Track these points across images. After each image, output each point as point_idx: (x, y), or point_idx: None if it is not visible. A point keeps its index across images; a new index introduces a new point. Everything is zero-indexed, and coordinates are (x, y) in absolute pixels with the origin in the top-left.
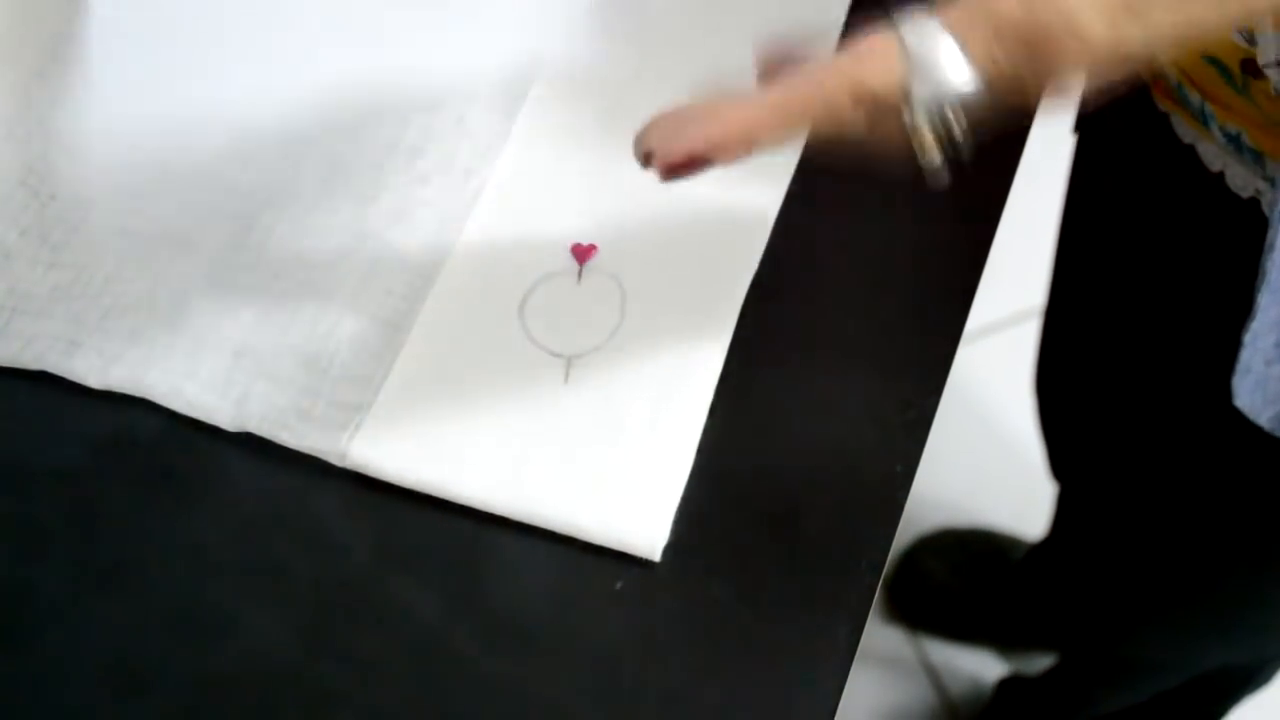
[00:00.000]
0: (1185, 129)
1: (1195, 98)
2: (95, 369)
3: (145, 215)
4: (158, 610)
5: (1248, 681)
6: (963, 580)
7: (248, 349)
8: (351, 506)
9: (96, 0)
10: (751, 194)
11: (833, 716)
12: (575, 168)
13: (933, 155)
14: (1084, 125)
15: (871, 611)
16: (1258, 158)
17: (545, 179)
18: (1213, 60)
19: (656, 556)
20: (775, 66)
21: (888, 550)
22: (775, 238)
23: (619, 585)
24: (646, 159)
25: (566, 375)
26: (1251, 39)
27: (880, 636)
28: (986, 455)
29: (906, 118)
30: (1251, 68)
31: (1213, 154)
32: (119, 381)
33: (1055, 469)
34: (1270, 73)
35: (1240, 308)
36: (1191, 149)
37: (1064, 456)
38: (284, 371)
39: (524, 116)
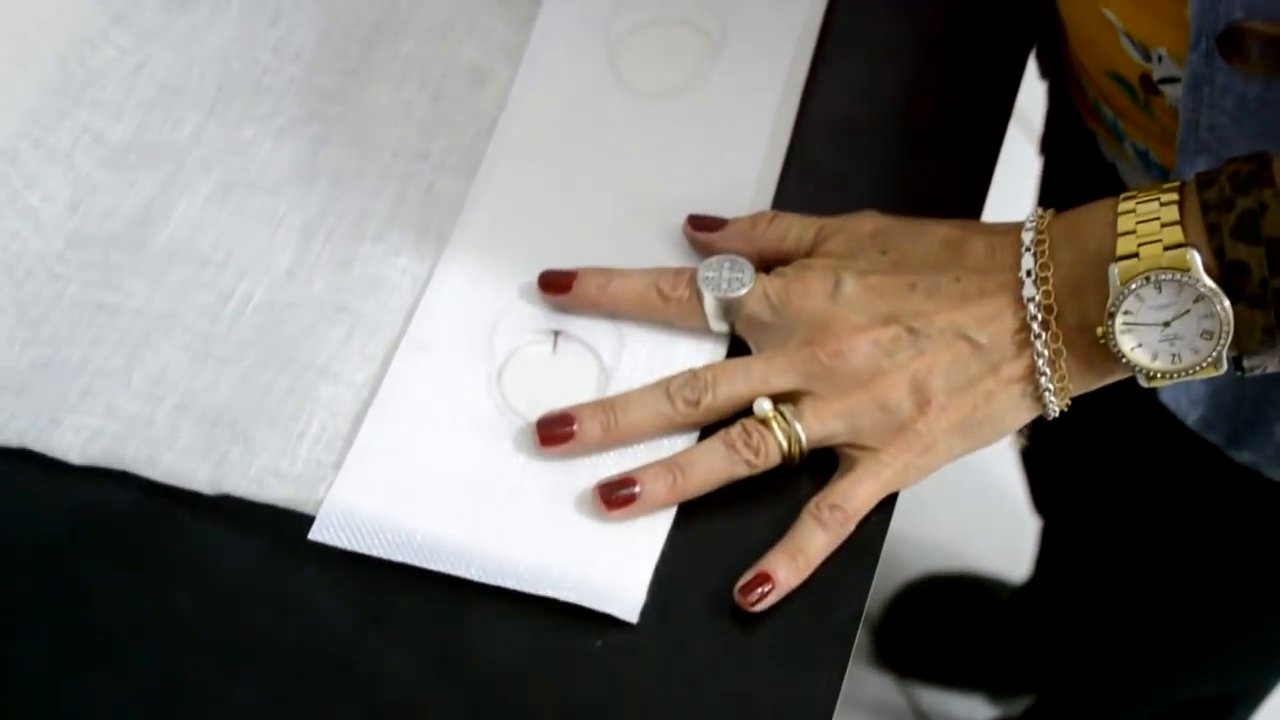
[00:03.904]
0: (1106, 148)
1: (1109, 114)
2: (75, 445)
3: (121, 290)
4: (139, 684)
5: (1224, 716)
6: (951, 625)
7: (225, 416)
8: (330, 571)
9: (64, 79)
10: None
11: None
12: (544, 226)
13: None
14: (1047, 148)
15: (861, 659)
16: (1164, 175)
17: (516, 239)
18: (1116, 76)
19: (634, 618)
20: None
21: (865, 599)
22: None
23: (599, 644)
24: None
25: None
26: (1147, 54)
27: (870, 684)
28: (970, 498)
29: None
30: (1149, 84)
31: (1129, 173)
32: (99, 456)
33: (1037, 502)
34: (1165, 89)
35: None
36: (1113, 168)
37: (1045, 488)
38: (261, 435)
39: (483, 178)
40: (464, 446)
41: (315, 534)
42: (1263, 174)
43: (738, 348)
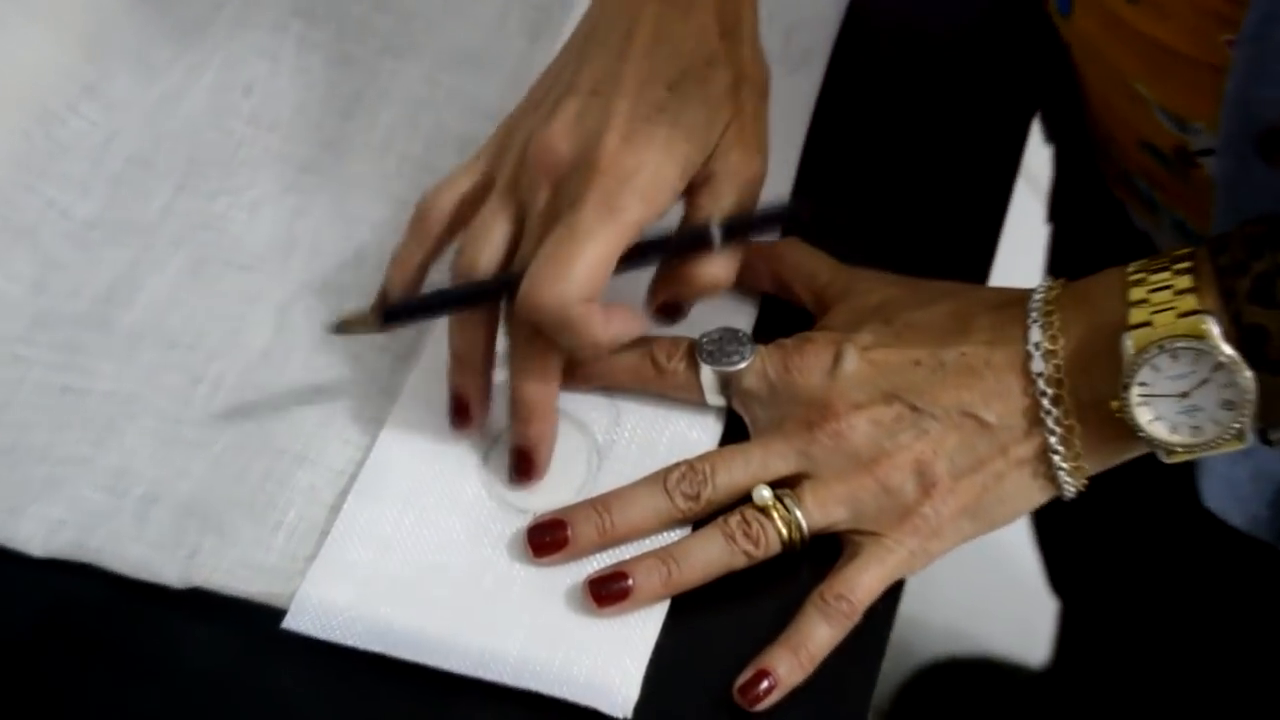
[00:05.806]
0: (1137, 218)
1: (1143, 184)
2: (38, 536)
3: (87, 372)
4: None
5: None
6: (965, 713)
7: (197, 505)
8: (307, 666)
9: (29, 152)
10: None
11: None
12: None
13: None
14: (1056, 215)
15: None
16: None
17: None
18: (1150, 146)
19: (628, 714)
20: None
21: (871, 693)
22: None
23: None
24: None
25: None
26: (1184, 126)
27: None
28: (983, 576)
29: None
30: (1184, 155)
31: (1164, 241)
32: (63, 548)
33: (1055, 582)
34: (1203, 160)
35: None
36: (1146, 236)
37: (1063, 568)
38: (234, 525)
39: None
40: (448, 531)
41: (289, 622)
42: (1276, 236)
43: (735, 420)
